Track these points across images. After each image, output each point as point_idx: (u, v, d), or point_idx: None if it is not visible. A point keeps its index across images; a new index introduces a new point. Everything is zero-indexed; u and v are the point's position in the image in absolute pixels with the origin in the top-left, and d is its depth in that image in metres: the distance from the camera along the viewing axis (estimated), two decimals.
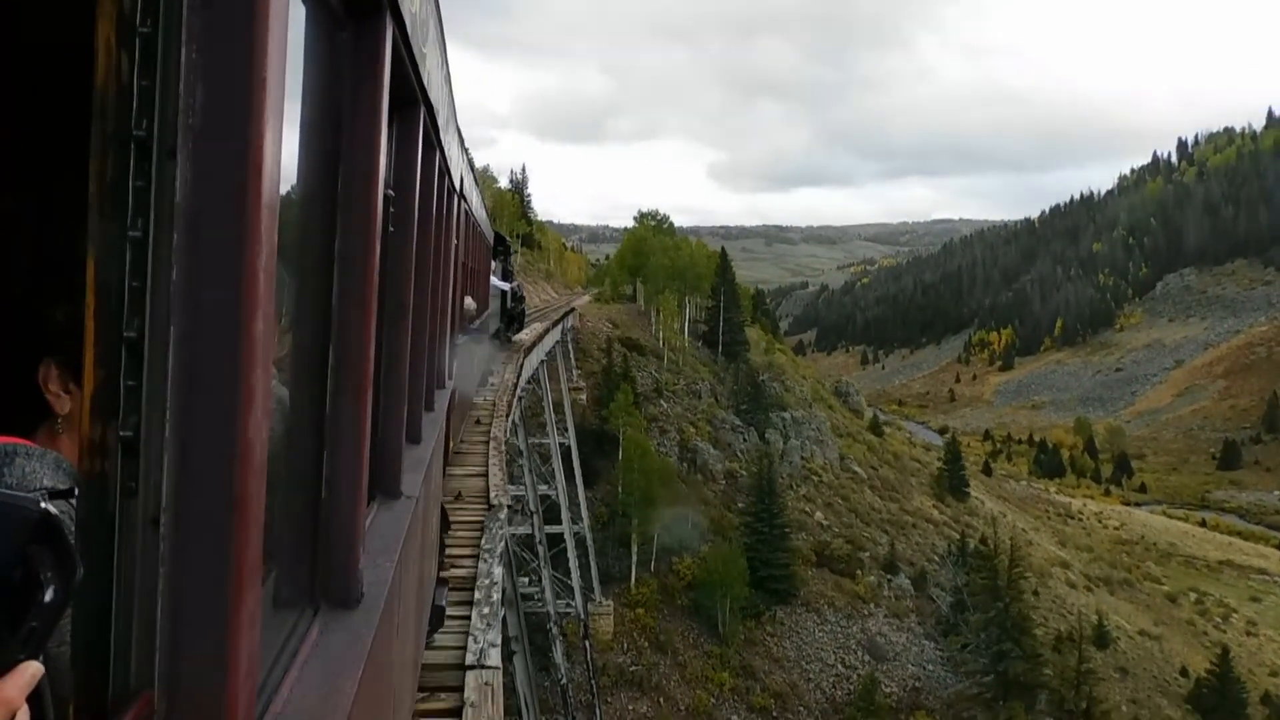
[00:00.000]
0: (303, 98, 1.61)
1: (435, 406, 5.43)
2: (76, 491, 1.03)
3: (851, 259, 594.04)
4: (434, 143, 3.96)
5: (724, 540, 62.80)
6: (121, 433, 0.94)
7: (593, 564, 57.49)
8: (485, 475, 11.18)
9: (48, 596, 0.80)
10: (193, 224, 0.96)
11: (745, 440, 73.47)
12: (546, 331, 44.62)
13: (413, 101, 3.09)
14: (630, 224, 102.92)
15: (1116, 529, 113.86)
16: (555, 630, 36.73)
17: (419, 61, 2.79)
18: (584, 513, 57.78)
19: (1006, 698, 48.84)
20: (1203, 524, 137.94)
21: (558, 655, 37.24)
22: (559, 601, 43.93)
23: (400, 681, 3.23)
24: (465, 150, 7.13)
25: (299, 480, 1.90)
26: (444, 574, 6.73)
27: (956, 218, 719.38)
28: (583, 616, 46.91)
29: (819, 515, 69.23)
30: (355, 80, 2.01)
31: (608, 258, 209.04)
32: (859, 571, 64.01)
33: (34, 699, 0.90)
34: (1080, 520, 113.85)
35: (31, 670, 0.79)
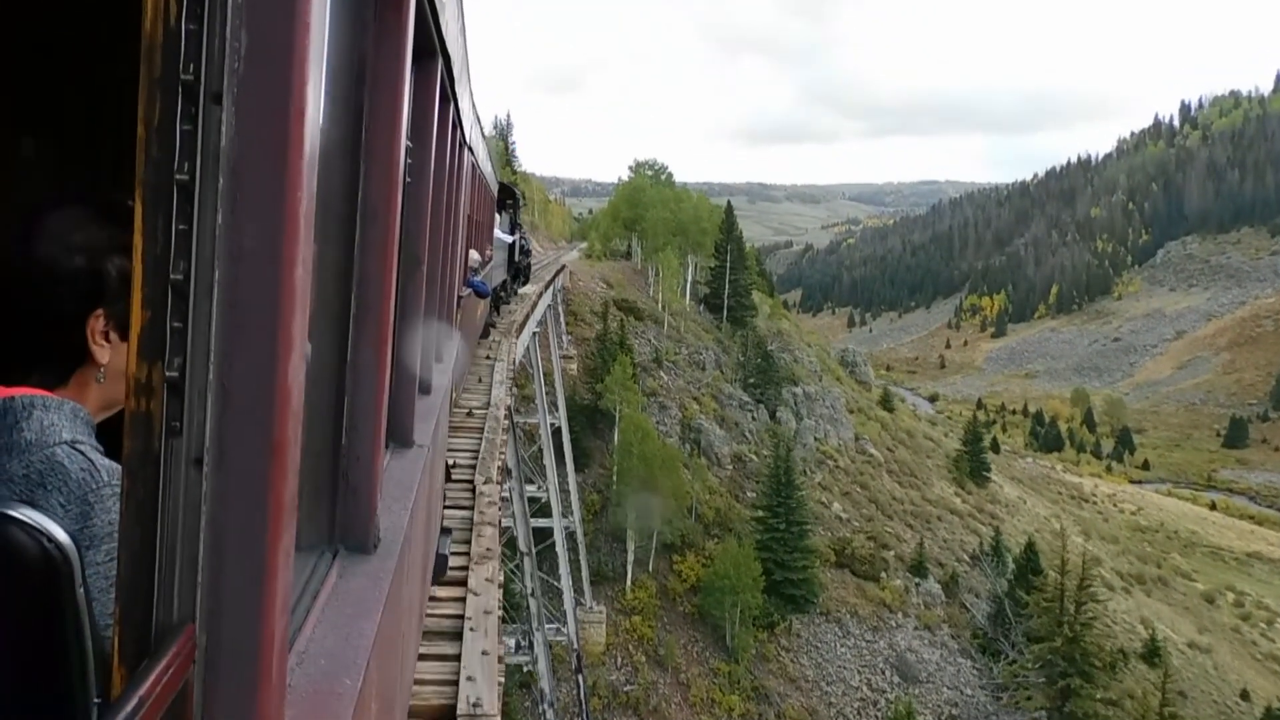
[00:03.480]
0: (330, 48, 1.61)
1: (444, 358, 5.41)
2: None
3: (835, 218, 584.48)
4: (449, 95, 3.94)
5: (730, 534, 54.73)
6: (168, 373, 0.96)
7: (583, 563, 49.30)
8: None
9: None
10: (236, 169, 0.98)
11: (754, 419, 65.09)
12: (539, 296, 36.31)
13: (431, 52, 3.02)
14: (614, 178, 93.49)
15: (1133, 514, 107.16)
16: (550, 714, 28.27)
17: (439, 11, 2.76)
18: (575, 504, 49.49)
19: None
20: (1212, 506, 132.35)
21: None
22: (549, 626, 35.79)
23: (409, 627, 3.15)
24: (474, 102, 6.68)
25: (321, 426, 1.92)
26: (446, 524, 6.42)
27: (943, 179, 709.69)
28: (575, 646, 38.58)
29: (837, 506, 61.23)
30: (380, 30, 2.01)
31: (590, 212, 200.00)
32: (883, 574, 56.17)
33: (75, 640, 0.97)
34: (1094, 503, 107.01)
35: None
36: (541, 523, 41.13)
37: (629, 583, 51.44)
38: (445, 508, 8.65)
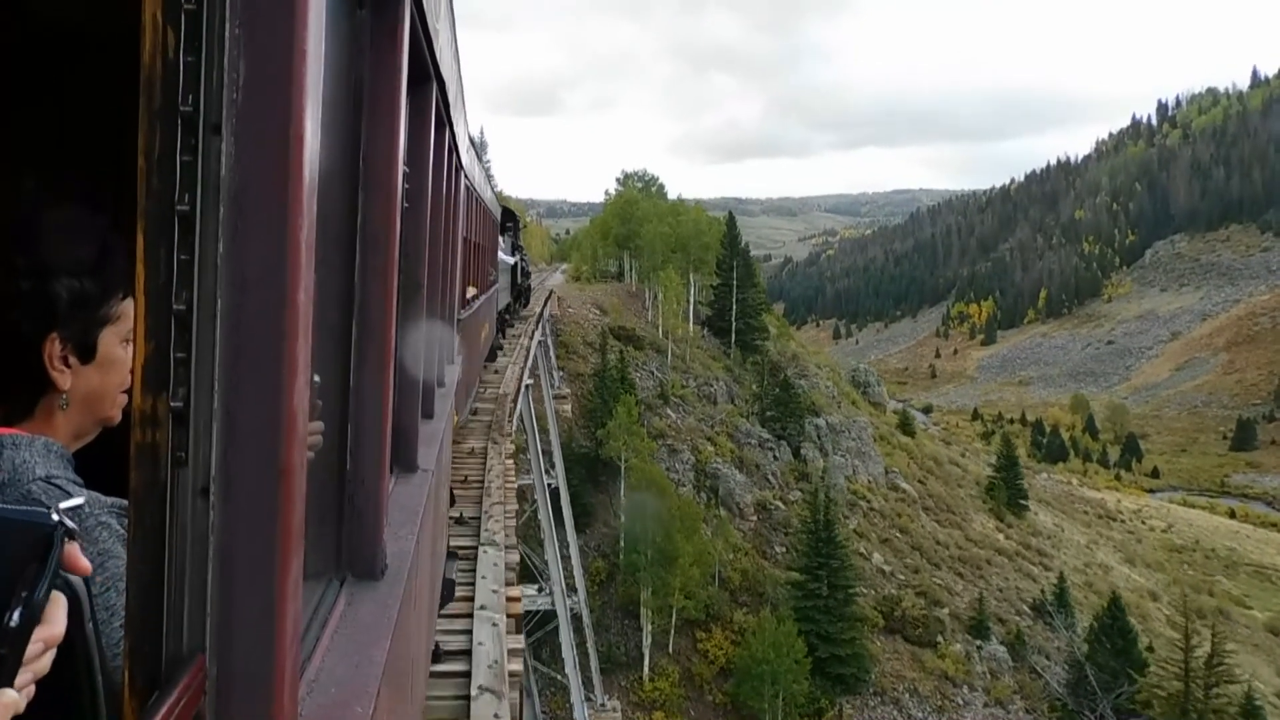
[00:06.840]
0: (326, 76, 1.61)
1: (445, 382, 5.42)
2: (83, 501, 1.11)
3: (812, 230, 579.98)
4: (445, 120, 3.95)
5: (761, 600, 46.75)
6: (172, 404, 0.97)
7: (591, 649, 41.03)
8: None
9: (13, 620, 0.76)
10: (237, 198, 0.98)
11: (776, 458, 57.15)
12: (530, 338, 28.49)
13: (426, 78, 3.04)
14: (588, 198, 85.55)
15: (1164, 531, 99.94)
16: None
17: (433, 37, 2.76)
18: (579, 579, 41.28)
19: None
20: (1231, 514, 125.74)
21: None
22: None
23: (417, 653, 3.14)
24: (469, 127, 6.75)
25: (325, 451, 1.89)
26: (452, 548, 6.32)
27: (916, 188, 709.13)
28: None
29: (878, 557, 53.32)
30: (376, 57, 2.02)
31: (568, 232, 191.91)
32: (940, 638, 48.28)
33: (86, 675, 0.96)
34: (1122, 521, 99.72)
35: (5, 701, 0.76)
36: (539, 604, 33.10)
37: (646, 670, 43.29)
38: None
